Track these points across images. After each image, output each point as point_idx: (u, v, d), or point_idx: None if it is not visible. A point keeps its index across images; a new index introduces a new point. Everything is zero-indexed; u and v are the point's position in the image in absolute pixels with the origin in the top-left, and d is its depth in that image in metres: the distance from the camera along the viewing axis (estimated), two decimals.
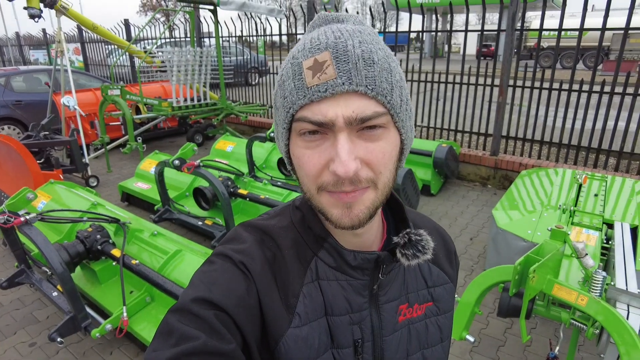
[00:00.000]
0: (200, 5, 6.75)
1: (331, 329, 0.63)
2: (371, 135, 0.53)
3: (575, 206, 3.07)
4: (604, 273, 1.77)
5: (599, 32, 4.40)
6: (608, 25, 4.27)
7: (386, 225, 0.71)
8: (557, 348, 1.89)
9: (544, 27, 4.80)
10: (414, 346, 0.70)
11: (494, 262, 3.26)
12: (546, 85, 4.97)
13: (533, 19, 19.60)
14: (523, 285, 1.84)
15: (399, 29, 6.07)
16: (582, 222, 2.85)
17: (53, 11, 5.70)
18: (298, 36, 7.74)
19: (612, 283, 1.97)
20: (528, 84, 5.16)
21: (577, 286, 2.11)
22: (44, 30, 13.19)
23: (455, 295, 2.21)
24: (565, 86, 4.83)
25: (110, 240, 2.80)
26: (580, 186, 3.29)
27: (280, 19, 7.65)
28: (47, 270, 2.83)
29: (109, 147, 6.34)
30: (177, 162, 3.47)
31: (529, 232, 2.93)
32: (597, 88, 4.63)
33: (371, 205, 0.56)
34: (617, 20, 5.29)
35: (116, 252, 2.66)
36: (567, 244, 1.91)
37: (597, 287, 1.78)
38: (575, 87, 4.77)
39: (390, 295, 0.68)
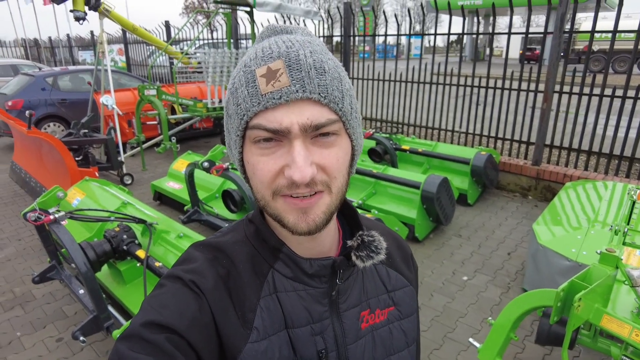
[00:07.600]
0: (238, 7, 6.80)
1: (293, 342, 0.62)
2: (325, 142, 0.54)
3: (628, 224, 2.80)
4: None
5: None
6: None
7: (342, 232, 0.71)
8: None
9: (596, 29, 4.48)
10: (380, 353, 0.69)
11: (533, 280, 3.04)
12: (595, 91, 4.63)
13: (583, 20, 18.65)
14: (566, 313, 1.67)
15: (438, 31, 5.86)
16: (635, 242, 2.59)
17: (97, 14, 5.91)
18: (334, 38, 7.65)
19: None
20: (575, 89, 4.83)
21: (629, 317, 1.90)
22: (91, 32, 13.77)
23: (490, 318, 2.04)
24: (618, 92, 4.48)
25: (136, 241, 2.81)
26: (634, 202, 3.01)
27: (318, 21, 7.60)
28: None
29: (144, 146, 6.48)
30: (206, 164, 3.46)
31: (574, 251, 2.70)
32: None
33: (327, 210, 0.56)
34: None
35: (141, 253, 2.65)
36: (620, 270, 1.71)
37: None
38: (629, 93, 4.42)
39: (351, 302, 0.67)
